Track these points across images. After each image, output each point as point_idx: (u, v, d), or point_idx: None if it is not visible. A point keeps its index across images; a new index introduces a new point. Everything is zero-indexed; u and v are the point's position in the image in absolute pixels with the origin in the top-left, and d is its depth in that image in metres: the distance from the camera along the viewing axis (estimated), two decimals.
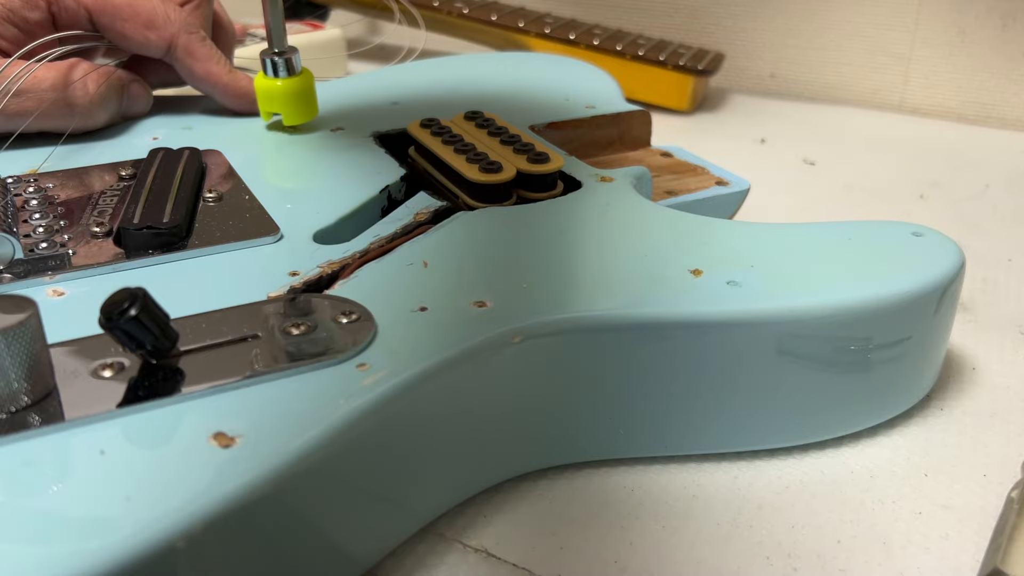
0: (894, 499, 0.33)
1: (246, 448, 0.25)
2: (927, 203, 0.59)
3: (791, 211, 0.57)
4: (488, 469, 0.33)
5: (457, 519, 0.32)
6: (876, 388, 0.35)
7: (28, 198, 0.39)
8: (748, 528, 0.32)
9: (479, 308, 0.32)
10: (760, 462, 0.35)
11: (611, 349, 0.32)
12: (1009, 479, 0.34)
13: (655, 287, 0.33)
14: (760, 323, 0.32)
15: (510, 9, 0.82)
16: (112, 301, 0.27)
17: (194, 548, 0.23)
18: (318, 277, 0.34)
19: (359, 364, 0.29)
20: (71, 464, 0.25)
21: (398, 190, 0.43)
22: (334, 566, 0.28)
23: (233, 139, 0.47)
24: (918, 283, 0.34)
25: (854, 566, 0.30)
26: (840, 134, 0.72)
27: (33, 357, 0.26)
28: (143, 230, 0.35)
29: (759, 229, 0.38)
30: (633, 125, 0.53)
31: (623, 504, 0.33)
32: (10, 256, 0.34)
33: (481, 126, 0.46)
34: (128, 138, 0.47)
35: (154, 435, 0.26)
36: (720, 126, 0.74)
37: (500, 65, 0.61)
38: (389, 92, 0.54)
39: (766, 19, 0.81)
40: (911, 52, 0.77)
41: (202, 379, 0.27)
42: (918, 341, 0.35)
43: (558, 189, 0.42)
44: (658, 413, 0.33)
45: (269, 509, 0.25)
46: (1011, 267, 0.51)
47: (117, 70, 0.48)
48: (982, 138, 0.72)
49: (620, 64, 0.75)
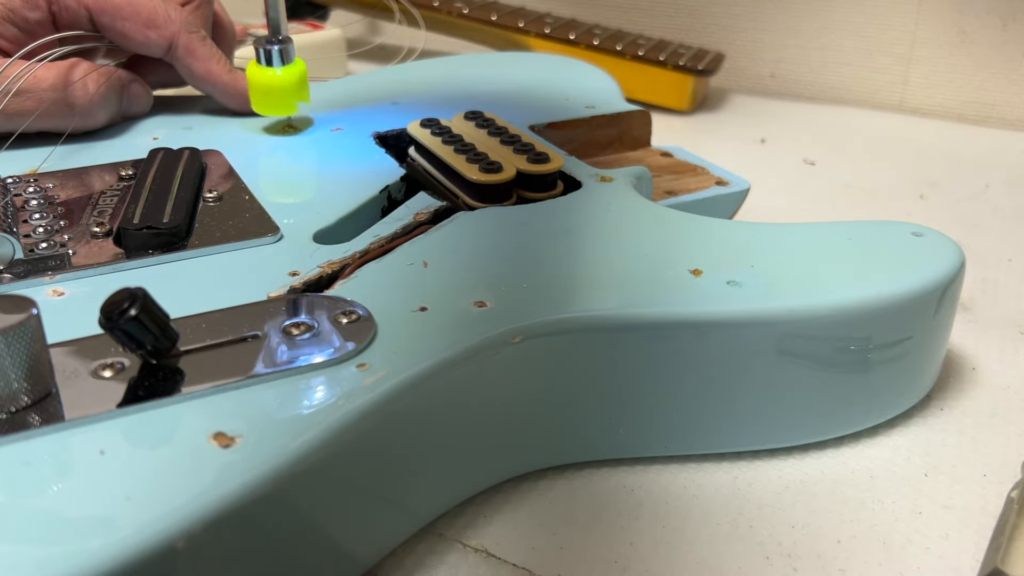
0: (894, 499, 0.33)
1: (246, 448, 0.25)
2: (927, 203, 0.59)
3: (791, 211, 0.57)
4: (488, 469, 0.33)
5: (457, 519, 0.32)
6: (876, 388, 0.35)
7: (28, 198, 0.39)
8: (748, 528, 0.32)
9: (479, 308, 0.32)
10: (760, 462, 0.35)
11: (611, 349, 0.32)
12: (1009, 479, 0.34)
13: (655, 287, 0.33)
14: (760, 323, 0.32)
15: (510, 9, 0.82)
16: (112, 301, 0.27)
17: (194, 548, 0.23)
18: (318, 277, 0.34)
19: (359, 364, 0.29)
20: (71, 464, 0.25)
21: (398, 190, 0.43)
22: (334, 566, 0.28)
23: (233, 139, 0.47)
24: (918, 283, 0.34)
25: (854, 566, 0.30)
26: (840, 134, 0.72)
27: (33, 357, 0.26)
28: (143, 230, 0.35)
29: (759, 229, 0.38)
30: (633, 125, 0.53)
31: (623, 504, 0.33)
32: (10, 256, 0.34)
33: (481, 126, 0.46)
34: (128, 138, 0.47)
35: (154, 435, 0.26)
36: (720, 126, 0.74)
37: (500, 65, 0.61)
38: (389, 92, 0.54)
39: (766, 19, 0.81)
40: (911, 52, 0.77)
41: (202, 379, 0.27)
42: (918, 341, 0.35)
43: (558, 189, 0.42)
44: (658, 413, 0.33)
45: (269, 509, 0.25)
46: (1011, 267, 0.51)
47: (117, 70, 0.48)
48: (982, 138, 0.72)
49: (620, 64, 0.75)
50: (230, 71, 0.49)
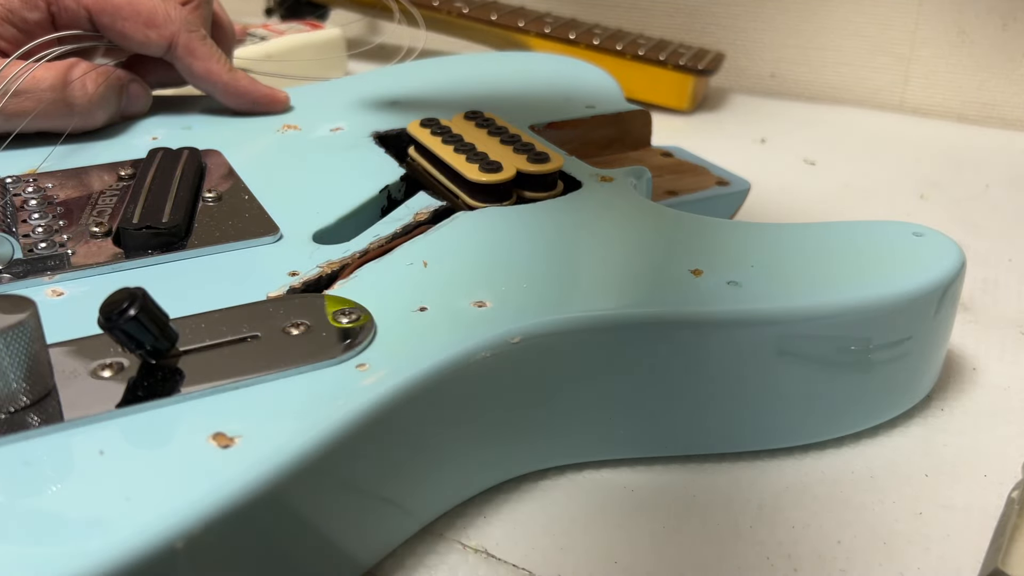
0: (894, 499, 0.33)
1: (246, 449, 0.25)
2: (927, 203, 0.59)
3: (791, 211, 0.57)
4: (487, 470, 0.33)
5: (457, 519, 0.32)
6: (877, 388, 0.35)
7: (27, 198, 0.39)
8: (748, 528, 0.32)
9: (479, 308, 0.32)
10: (760, 462, 0.35)
11: (610, 350, 0.32)
12: (1010, 479, 0.34)
13: (655, 287, 0.33)
14: (760, 323, 0.32)
15: (510, 9, 0.82)
16: (111, 301, 0.27)
17: (193, 549, 0.23)
18: (317, 277, 0.34)
19: (358, 364, 0.29)
20: (70, 465, 0.25)
21: (398, 190, 0.43)
22: (333, 566, 0.28)
23: (233, 139, 0.47)
24: (919, 283, 0.34)
25: (854, 566, 0.30)
26: (840, 134, 0.72)
27: (32, 357, 0.26)
28: (142, 230, 0.35)
29: (759, 229, 0.37)
30: (633, 125, 0.53)
31: (623, 504, 0.33)
32: (9, 256, 0.34)
33: (481, 126, 0.46)
34: (127, 138, 0.47)
35: (153, 435, 0.26)
36: (720, 126, 0.74)
37: (500, 65, 0.61)
38: (389, 92, 0.54)
39: (766, 19, 0.81)
40: (911, 52, 0.77)
41: (201, 379, 0.27)
42: (919, 341, 0.35)
43: (558, 189, 0.42)
44: (658, 414, 0.33)
45: (268, 510, 0.25)
46: (1011, 267, 0.51)
47: (116, 70, 0.48)
48: (982, 138, 0.72)
49: (620, 64, 0.75)
50: (230, 70, 0.49)
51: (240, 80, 0.49)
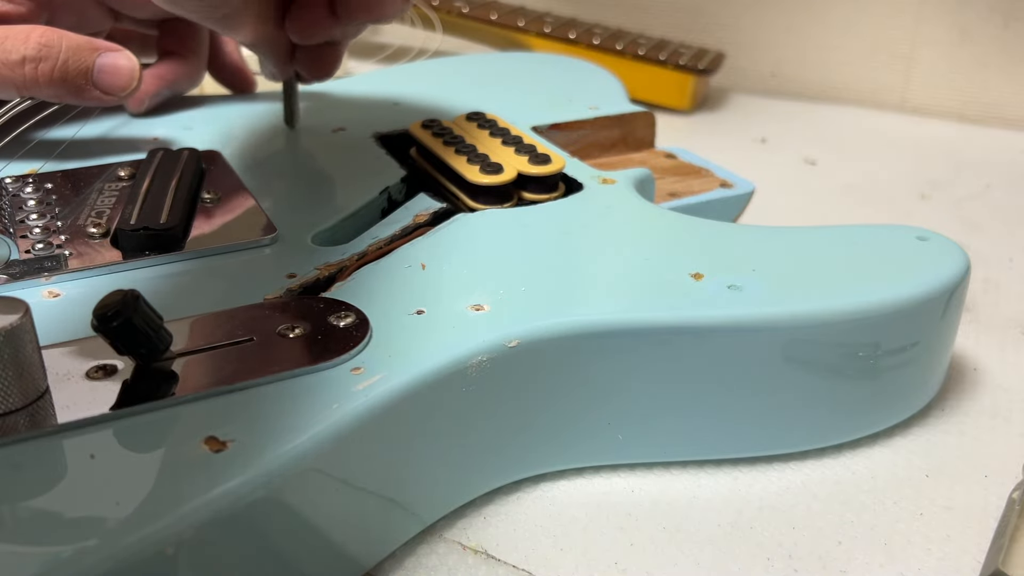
0: (895, 500, 0.33)
1: (238, 453, 0.25)
2: (928, 203, 0.59)
3: (791, 211, 0.57)
4: (484, 475, 0.32)
5: (457, 519, 0.32)
6: (882, 394, 0.35)
7: (26, 198, 0.39)
8: (748, 529, 0.32)
9: (476, 312, 0.31)
10: (761, 463, 0.35)
11: (610, 354, 0.32)
12: (1010, 480, 0.34)
13: (655, 291, 0.33)
14: (762, 328, 0.32)
15: (510, 9, 0.82)
16: (104, 304, 0.26)
17: (184, 554, 0.23)
18: (315, 279, 0.34)
19: (353, 368, 0.28)
20: (61, 468, 0.24)
21: (398, 191, 0.42)
22: (329, 568, 0.28)
23: (233, 139, 0.47)
24: (924, 288, 0.34)
25: (855, 567, 0.30)
26: (841, 134, 0.72)
27: (25, 359, 0.26)
28: (139, 231, 0.35)
29: (761, 232, 0.37)
30: (637, 126, 0.53)
31: (623, 505, 0.33)
32: (6, 257, 0.34)
33: (483, 127, 0.45)
34: (128, 138, 0.47)
35: (146, 439, 0.26)
36: (720, 126, 0.74)
37: (502, 65, 0.61)
38: (390, 92, 0.54)
39: (766, 19, 0.81)
40: (912, 52, 0.76)
41: (195, 383, 0.27)
42: (925, 346, 0.35)
43: (559, 191, 0.41)
44: (658, 419, 0.33)
45: (261, 514, 0.25)
46: (1012, 267, 0.51)
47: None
48: (983, 138, 0.72)
49: (620, 63, 0.75)
50: (241, 57, 0.53)
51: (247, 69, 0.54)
